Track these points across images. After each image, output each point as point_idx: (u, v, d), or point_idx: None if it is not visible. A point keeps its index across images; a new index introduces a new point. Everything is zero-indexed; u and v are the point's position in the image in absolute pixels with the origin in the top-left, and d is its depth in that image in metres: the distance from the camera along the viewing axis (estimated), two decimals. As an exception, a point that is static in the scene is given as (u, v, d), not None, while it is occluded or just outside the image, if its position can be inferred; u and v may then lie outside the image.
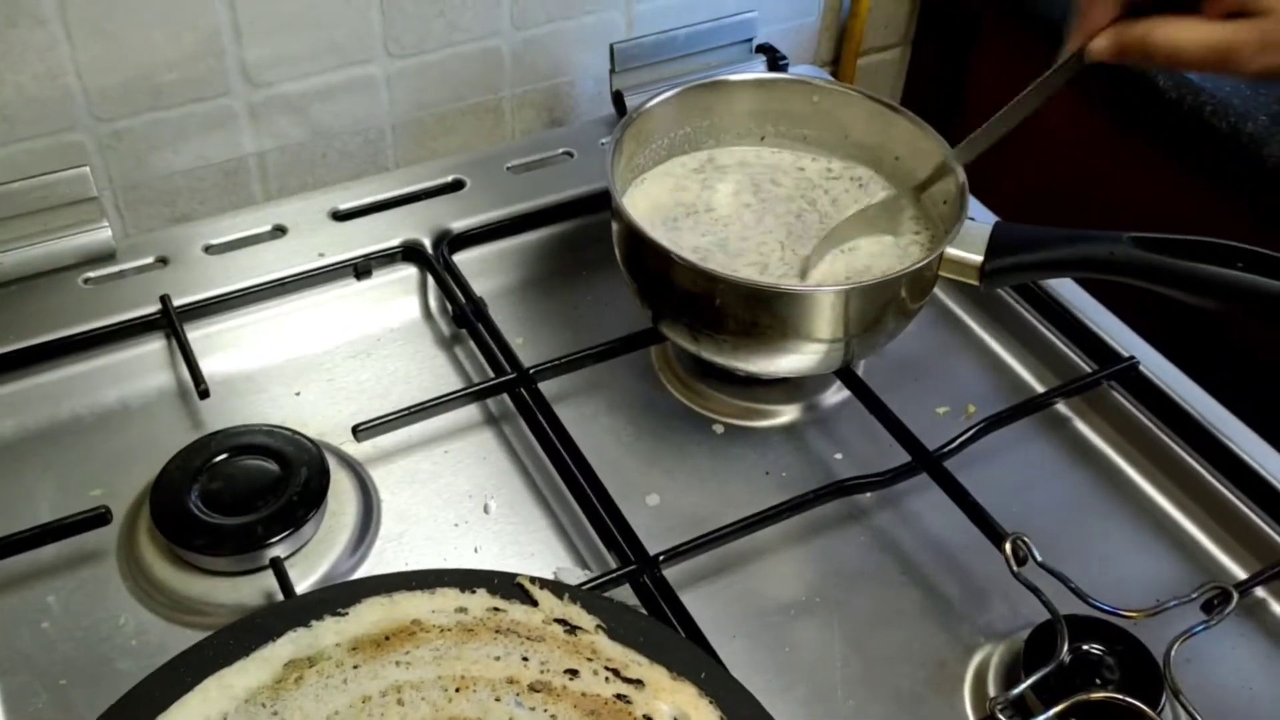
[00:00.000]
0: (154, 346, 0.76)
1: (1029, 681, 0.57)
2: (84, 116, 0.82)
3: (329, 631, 0.55)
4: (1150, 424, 0.73)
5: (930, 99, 1.16)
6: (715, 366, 0.74)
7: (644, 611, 0.62)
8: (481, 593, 0.57)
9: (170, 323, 0.75)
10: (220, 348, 0.76)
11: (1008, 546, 0.62)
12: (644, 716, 0.53)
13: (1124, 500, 0.72)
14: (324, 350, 0.78)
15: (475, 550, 0.67)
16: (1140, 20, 0.63)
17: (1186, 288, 0.63)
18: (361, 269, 0.80)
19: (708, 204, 0.76)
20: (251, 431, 0.69)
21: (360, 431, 0.69)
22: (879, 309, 0.68)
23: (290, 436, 0.68)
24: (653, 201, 0.76)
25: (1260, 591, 0.66)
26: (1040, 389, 0.78)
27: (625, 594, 0.63)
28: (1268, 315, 0.63)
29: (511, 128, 0.99)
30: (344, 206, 0.85)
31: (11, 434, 0.72)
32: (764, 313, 0.66)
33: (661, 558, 0.63)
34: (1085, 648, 0.59)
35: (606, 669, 0.55)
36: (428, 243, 0.82)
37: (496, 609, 0.57)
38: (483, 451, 0.72)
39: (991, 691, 0.61)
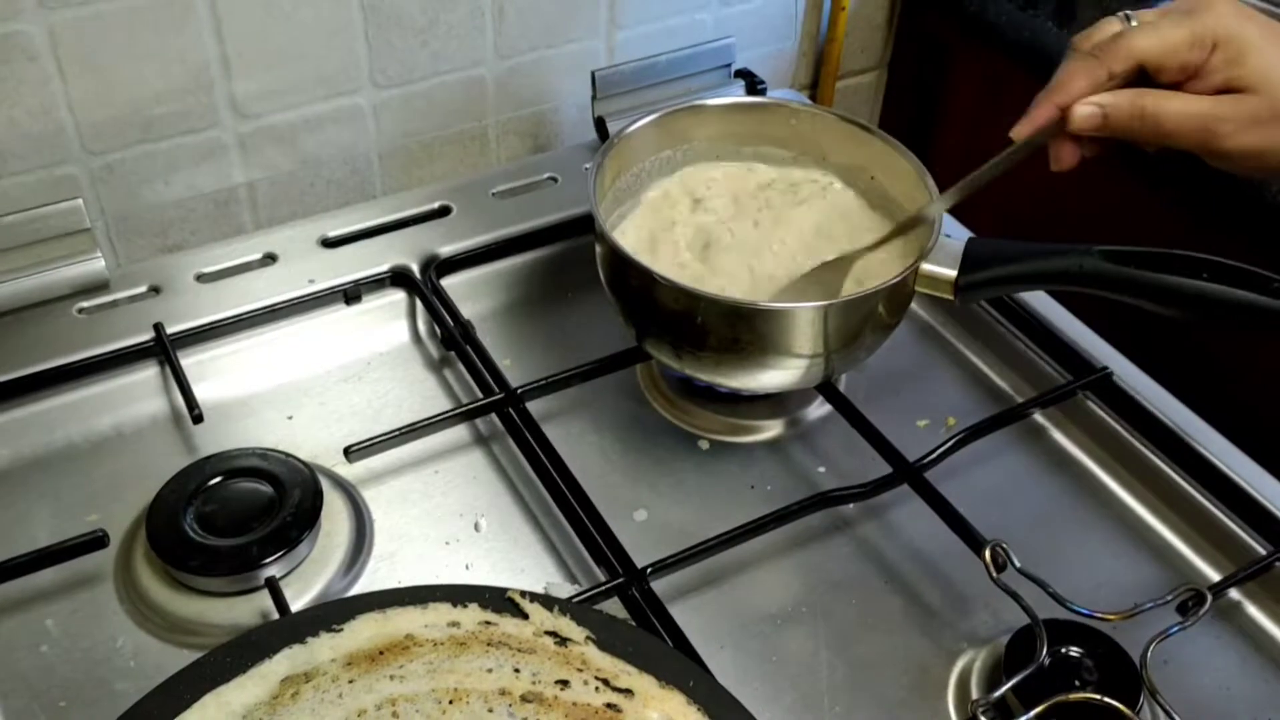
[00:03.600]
0: (148, 374, 0.77)
1: (1010, 684, 0.59)
2: (76, 150, 0.83)
3: (324, 647, 0.57)
4: (1124, 432, 0.75)
5: (907, 120, 1.18)
6: (700, 384, 0.75)
7: (633, 623, 0.63)
8: (473, 607, 0.59)
9: (164, 350, 0.76)
10: (213, 374, 0.78)
11: (987, 554, 0.64)
12: (634, 724, 0.54)
13: (1100, 506, 0.73)
14: (315, 375, 0.80)
15: (466, 567, 0.68)
16: (1127, 90, 0.63)
17: (1154, 298, 0.65)
18: (351, 295, 0.82)
19: (690, 223, 0.78)
20: (245, 455, 0.70)
21: (352, 453, 0.70)
22: (858, 324, 0.69)
23: (283, 459, 0.70)
24: (636, 224, 0.78)
25: (1235, 593, 0.68)
26: (1017, 400, 0.79)
27: (614, 607, 0.64)
28: (1233, 324, 0.64)
29: (497, 154, 1.01)
30: (333, 234, 0.86)
31: (8, 461, 0.73)
32: (745, 329, 0.68)
33: (649, 570, 0.65)
34: (1064, 650, 0.61)
35: (597, 679, 0.56)
36: (416, 268, 0.84)
37: (488, 622, 0.58)
38: (472, 471, 0.74)
39: (974, 695, 0.62)
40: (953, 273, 0.69)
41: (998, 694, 0.59)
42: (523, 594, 0.59)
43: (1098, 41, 0.65)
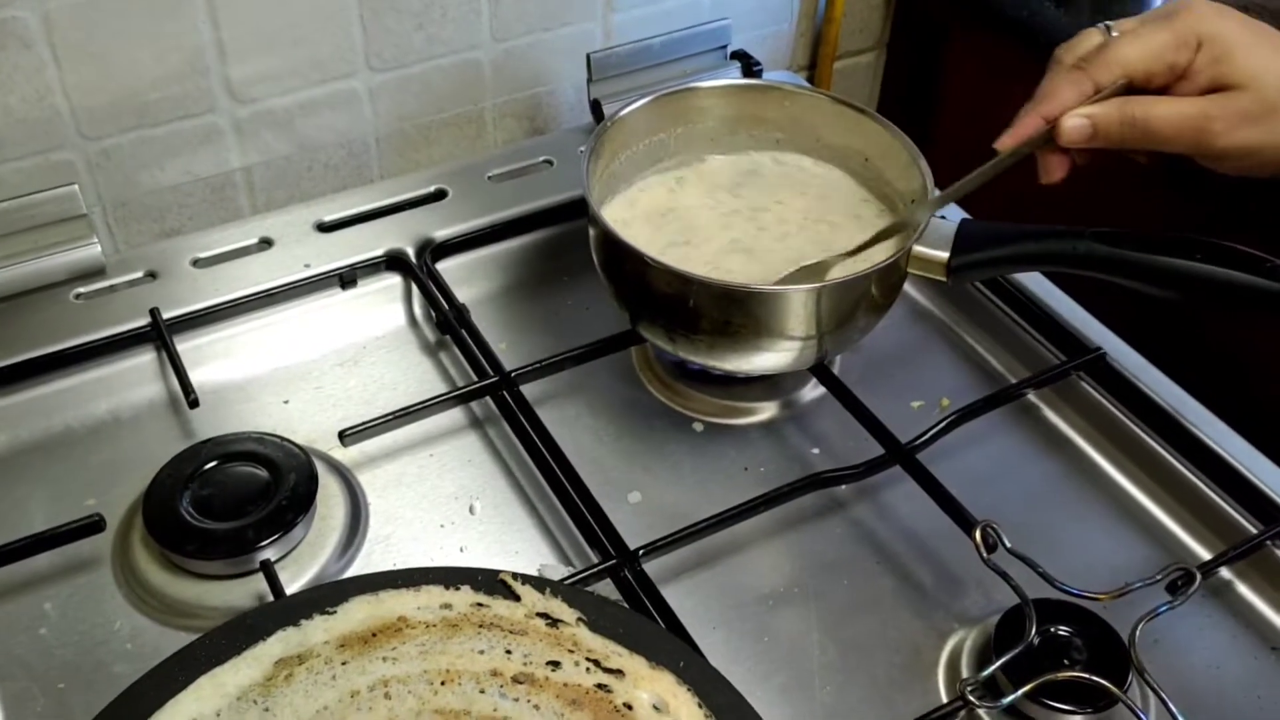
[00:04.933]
0: (144, 359, 0.77)
1: (999, 663, 0.59)
2: (72, 136, 0.83)
3: (318, 630, 0.57)
4: (1117, 412, 0.75)
5: (906, 101, 1.18)
6: (694, 366, 0.76)
7: (625, 605, 0.63)
8: (465, 589, 0.59)
9: (160, 335, 0.76)
10: (209, 358, 0.78)
11: (977, 534, 0.64)
12: (624, 704, 0.55)
13: (1092, 486, 0.74)
14: (311, 359, 0.80)
15: (461, 550, 0.69)
16: (1113, 99, 0.63)
17: (1147, 279, 0.65)
18: (347, 279, 0.82)
19: (685, 206, 0.78)
20: (241, 439, 0.70)
21: (347, 436, 0.71)
22: (850, 306, 0.69)
23: (279, 443, 0.70)
24: (632, 206, 0.78)
25: (1225, 572, 0.68)
26: (1011, 380, 0.79)
27: (607, 589, 0.65)
28: (1226, 305, 0.65)
29: (494, 137, 1.01)
30: (329, 218, 0.86)
31: (6, 447, 0.73)
32: (737, 312, 0.68)
33: (641, 552, 0.65)
34: (1053, 630, 0.61)
35: (587, 660, 0.56)
36: (411, 252, 0.84)
37: (480, 604, 0.58)
38: (467, 454, 0.74)
39: (965, 674, 0.63)
40: (945, 254, 0.69)
41: (987, 673, 0.59)
42: (515, 576, 0.59)
43: (1082, 53, 0.65)
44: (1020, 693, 0.58)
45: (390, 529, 0.70)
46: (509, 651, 0.56)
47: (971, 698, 0.58)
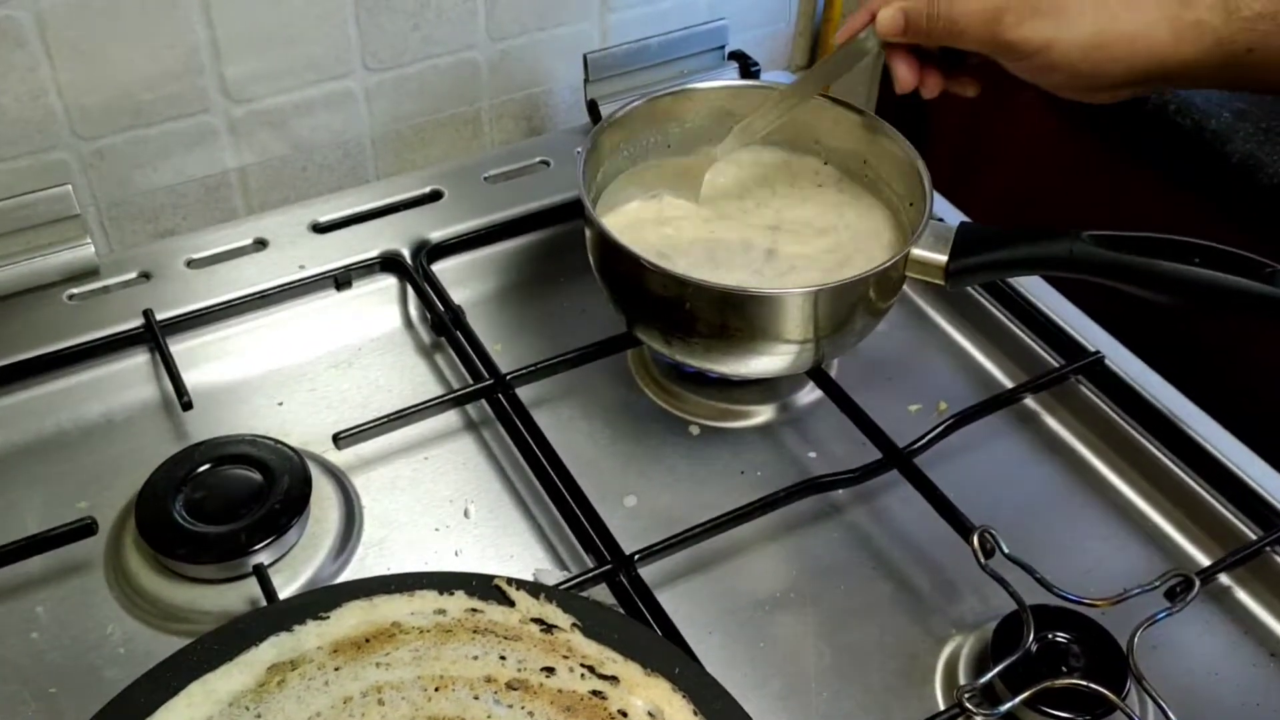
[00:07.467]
0: (138, 360, 0.77)
1: (996, 670, 0.58)
2: (66, 135, 0.83)
3: (310, 635, 0.57)
4: (1116, 416, 0.75)
5: (904, 103, 1.17)
6: (690, 369, 0.75)
7: (620, 610, 0.63)
8: (459, 594, 0.59)
9: (153, 336, 0.76)
10: (203, 360, 0.78)
11: (975, 539, 0.63)
12: (619, 711, 0.54)
13: (1091, 491, 0.73)
14: (305, 361, 0.79)
15: (456, 554, 0.68)
16: None
17: (1144, 283, 0.65)
18: (341, 280, 0.82)
19: (680, 208, 0.78)
20: (234, 442, 0.70)
21: (341, 439, 0.70)
22: (847, 309, 0.69)
23: (272, 446, 0.70)
24: (626, 208, 0.78)
25: (1225, 578, 0.68)
26: (1009, 385, 0.79)
27: (602, 594, 0.64)
28: (1224, 309, 0.64)
29: (490, 138, 1.00)
30: (324, 219, 0.86)
31: (-2, 449, 0.73)
32: (734, 315, 0.67)
33: (637, 557, 0.65)
34: (1051, 636, 0.61)
35: (582, 666, 0.56)
36: (406, 253, 0.84)
37: (474, 610, 0.58)
38: (462, 457, 0.74)
39: (962, 681, 0.62)
40: (943, 258, 0.68)
41: (984, 680, 0.59)
42: (509, 581, 0.59)
43: None
44: (1018, 700, 0.57)
45: (384, 533, 0.69)
46: (503, 657, 0.56)
47: (969, 705, 0.58)
